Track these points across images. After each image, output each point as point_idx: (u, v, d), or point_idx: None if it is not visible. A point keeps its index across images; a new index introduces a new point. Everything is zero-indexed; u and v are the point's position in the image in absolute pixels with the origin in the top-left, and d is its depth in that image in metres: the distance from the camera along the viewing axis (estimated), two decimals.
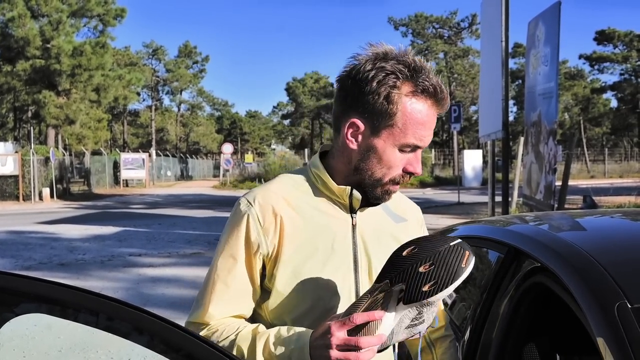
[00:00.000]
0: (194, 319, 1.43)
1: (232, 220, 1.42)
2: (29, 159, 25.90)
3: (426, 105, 1.33)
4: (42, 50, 33.04)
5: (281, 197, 1.41)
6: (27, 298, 0.93)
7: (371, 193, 1.40)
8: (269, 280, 1.40)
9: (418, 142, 1.35)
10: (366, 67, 1.33)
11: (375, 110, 1.33)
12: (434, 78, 1.33)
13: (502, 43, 10.38)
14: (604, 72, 57.67)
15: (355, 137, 1.38)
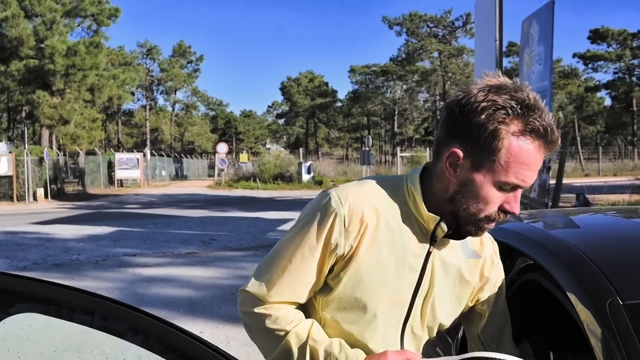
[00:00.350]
0: (254, 290, 1.43)
1: (320, 213, 1.38)
2: (23, 159, 25.82)
3: (533, 146, 1.27)
4: (36, 50, 32.95)
5: (372, 205, 1.39)
6: (22, 298, 0.93)
7: (464, 227, 1.37)
8: (333, 279, 1.40)
9: (519, 182, 1.29)
10: (477, 98, 1.28)
11: (478, 144, 1.28)
12: (546, 118, 1.27)
13: (496, 42, 10.39)
14: (598, 71, 57.95)
15: (454, 168, 1.33)
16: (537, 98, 1.28)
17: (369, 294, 1.39)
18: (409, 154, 45.23)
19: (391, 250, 1.38)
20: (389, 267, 1.39)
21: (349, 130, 76.95)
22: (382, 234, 1.38)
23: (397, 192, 1.42)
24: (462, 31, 57.27)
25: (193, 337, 0.97)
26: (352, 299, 1.39)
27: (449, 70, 56.30)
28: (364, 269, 1.38)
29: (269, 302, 1.41)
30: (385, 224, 1.38)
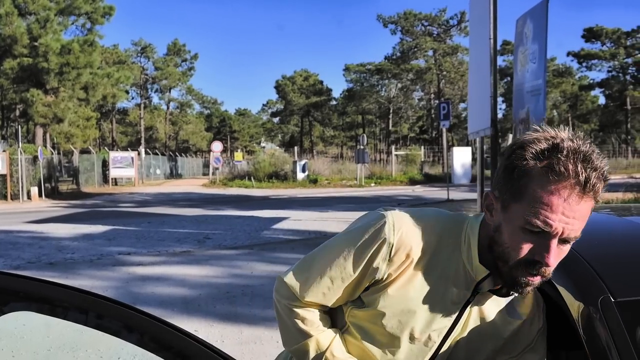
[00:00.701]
0: (291, 284, 1.46)
1: (371, 233, 1.38)
2: (17, 158, 25.74)
3: (556, 187, 1.20)
4: (30, 48, 32.84)
5: (423, 241, 1.37)
6: (16, 296, 0.93)
7: (503, 278, 1.33)
8: (367, 297, 1.42)
9: (542, 226, 1.21)
10: (516, 143, 1.28)
11: (505, 184, 1.27)
12: (579, 162, 1.19)
13: (490, 40, 10.41)
14: (592, 69, 58.19)
15: (491, 212, 1.32)
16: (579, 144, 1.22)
17: (395, 326, 1.40)
18: (404, 153, 45.30)
19: (430, 291, 1.38)
20: (422, 306, 1.38)
21: (343, 129, 76.98)
22: (425, 273, 1.37)
23: (455, 235, 1.40)
24: (457, 30, 57.32)
25: (188, 335, 0.97)
26: (379, 323, 1.41)
27: (443, 68, 56.35)
28: (396, 301, 1.38)
29: (300, 300, 1.45)
30: (431, 263, 1.37)
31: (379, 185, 34.35)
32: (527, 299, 1.45)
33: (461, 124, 58.98)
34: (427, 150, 48.55)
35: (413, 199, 23.23)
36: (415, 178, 36.96)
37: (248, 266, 9.20)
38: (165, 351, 0.96)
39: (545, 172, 1.20)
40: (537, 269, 1.25)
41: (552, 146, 1.21)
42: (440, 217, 1.43)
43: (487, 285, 1.36)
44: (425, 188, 31.16)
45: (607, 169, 1.22)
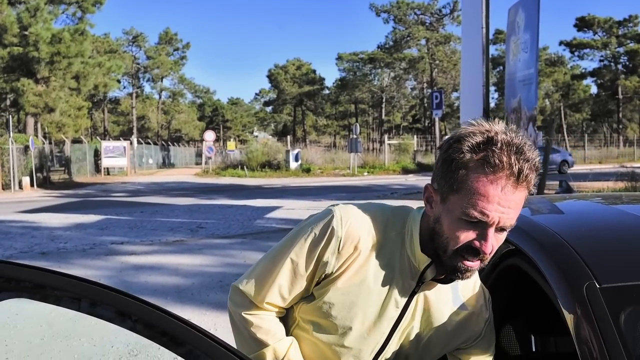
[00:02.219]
0: (245, 289, 1.48)
1: (319, 229, 1.41)
2: (8, 148, 25.59)
3: (491, 179, 1.24)
4: (20, 37, 32.56)
5: (370, 234, 1.41)
6: (8, 283, 0.93)
7: (444, 266, 1.37)
8: (318, 289, 1.44)
9: (479, 216, 1.26)
10: (454, 136, 1.32)
11: (442, 177, 1.32)
12: (512, 154, 1.24)
13: (482, 29, 10.42)
14: (584, 59, 58.30)
15: (430, 204, 1.37)
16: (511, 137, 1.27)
17: (344, 317, 1.43)
18: (397, 142, 45.28)
19: (377, 281, 1.41)
20: (370, 297, 1.42)
21: (336, 118, 76.91)
22: (371, 263, 1.41)
23: (399, 227, 1.44)
24: (450, 19, 57.27)
25: (181, 321, 0.98)
26: (328, 315, 1.43)
27: (436, 57, 56.33)
28: (345, 290, 1.41)
29: (257, 304, 1.46)
30: (378, 254, 1.41)
31: (372, 174, 34.37)
32: (472, 291, 1.52)
33: (454, 113, 59.02)
34: (419, 139, 48.59)
35: (406, 188, 23.26)
36: (408, 167, 37.00)
37: (241, 255, 9.22)
38: (159, 337, 0.97)
39: (481, 165, 1.25)
40: (475, 257, 1.30)
41: (487, 139, 1.26)
42: (385, 210, 1.47)
43: (430, 274, 1.40)
44: (418, 177, 31.20)
45: (538, 160, 1.27)
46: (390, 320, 1.44)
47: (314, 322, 1.46)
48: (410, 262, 1.41)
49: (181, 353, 0.97)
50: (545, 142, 9.75)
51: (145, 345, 0.99)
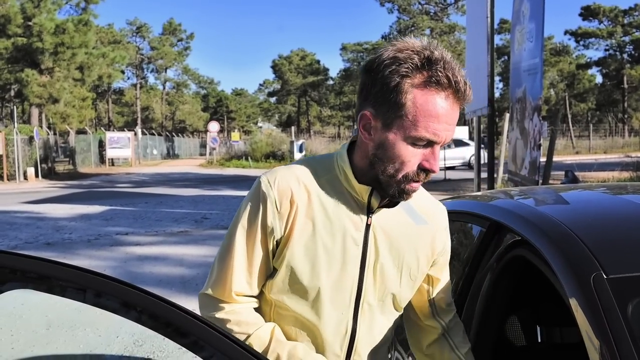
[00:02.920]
0: (212, 292, 1.44)
1: (252, 199, 1.41)
2: (13, 139, 25.64)
3: (439, 98, 1.26)
4: (24, 28, 32.56)
5: (302, 184, 1.39)
6: (14, 275, 0.93)
7: (388, 191, 1.35)
8: (277, 260, 1.41)
9: (431, 137, 1.27)
10: (382, 58, 1.29)
11: (385, 102, 1.28)
12: (451, 70, 1.26)
13: (487, 19, 10.35)
14: (589, 48, 57.87)
15: (369, 131, 1.34)
16: (444, 53, 1.27)
17: (309, 273, 1.38)
18: None
19: (326, 226, 1.38)
20: (329, 244, 1.38)
21: (340, 109, 76.72)
22: (315, 212, 1.38)
23: (329, 169, 1.42)
24: (454, 8, 56.95)
25: (186, 312, 0.98)
26: (295, 279, 1.39)
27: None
28: (300, 247, 1.38)
29: (227, 301, 1.41)
30: (317, 201, 1.38)
31: None
32: (426, 204, 1.51)
33: None
34: None
35: None
36: None
37: None
38: (164, 328, 0.97)
39: (428, 85, 1.25)
40: (425, 176, 1.32)
41: (427, 58, 1.25)
42: (310, 160, 1.46)
43: (375, 201, 1.38)
44: None
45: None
46: (355, 260, 1.40)
47: (287, 296, 1.41)
48: (352, 196, 1.40)
49: (185, 344, 0.97)
50: (550, 132, 9.71)
51: (151, 336, 0.98)
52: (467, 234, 2.25)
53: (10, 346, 4.79)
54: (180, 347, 0.98)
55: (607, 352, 1.09)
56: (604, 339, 1.11)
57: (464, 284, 1.85)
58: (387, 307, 1.49)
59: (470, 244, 2.06)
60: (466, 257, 1.97)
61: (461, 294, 1.84)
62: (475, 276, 1.81)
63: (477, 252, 1.84)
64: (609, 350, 1.09)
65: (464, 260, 2.01)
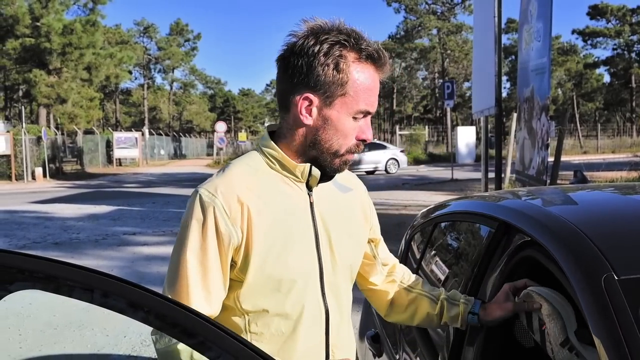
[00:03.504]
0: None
1: (195, 213, 1.35)
2: (21, 139, 25.76)
3: (372, 70, 1.37)
4: (32, 28, 32.69)
5: (243, 185, 1.38)
6: (22, 275, 0.93)
7: (329, 166, 1.42)
8: (241, 271, 1.37)
9: (369, 108, 1.39)
10: (309, 42, 1.34)
11: (326, 82, 1.34)
12: (374, 43, 1.37)
13: (495, 18, 10.32)
14: (597, 47, 57.58)
15: (309, 112, 1.38)
16: (355, 28, 1.36)
17: (280, 269, 1.38)
18: (408, 132, 45.15)
19: (279, 219, 1.39)
20: (285, 235, 1.39)
21: None
22: (264, 208, 1.38)
23: (257, 164, 1.44)
24: (461, 8, 56.80)
25: (194, 313, 0.98)
26: (267, 282, 1.37)
27: (447, 47, 55.94)
28: (265, 248, 1.36)
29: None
30: (262, 197, 1.39)
31: None
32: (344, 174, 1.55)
33: (465, 103, 58.70)
34: (431, 129, 48.38)
35: (417, 179, 23.20)
36: (420, 157, 36.89)
37: None
38: (170, 329, 0.97)
39: (360, 60, 1.35)
40: (359, 147, 1.42)
41: (350, 36, 1.34)
42: (237, 161, 1.47)
43: (314, 179, 1.43)
44: (430, 168, 31.12)
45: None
46: (310, 241, 1.43)
47: (264, 302, 1.39)
48: (292, 180, 1.43)
49: (193, 344, 0.97)
50: (558, 131, 9.67)
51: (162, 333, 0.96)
52: (475, 234, 2.24)
53: (19, 345, 4.82)
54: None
55: (619, 353, 1.08)
56: (616, 340, 1.09)
57: (472, 285, 1.84)
58: (346, 279, 1.54)
59: (478, 244, 2.05)
60: (475, 258, 1.96)
61: (469, 295, 1.83)
62: (484, 277, 1.80)
63: (485, 253, 1.83)
64: (621, 351, 1.08)
65: (472, 261, 2.00)
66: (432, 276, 2.48)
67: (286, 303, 1.40)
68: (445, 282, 2.34)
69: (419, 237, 2.92)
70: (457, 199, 2.91)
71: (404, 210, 13.01)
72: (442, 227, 2.67)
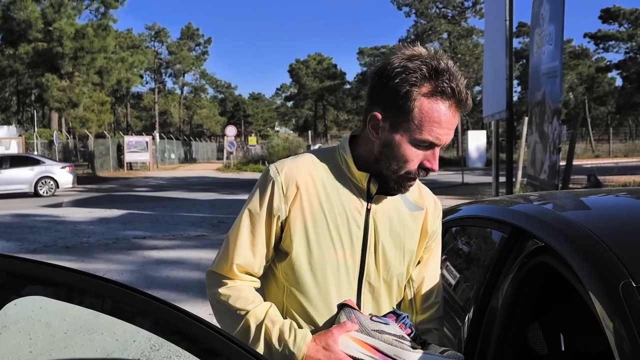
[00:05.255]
0: (218, 269, 1.57)
1: (260, 184, 1.54)
2: (33, 142, 25.94)
3: (443, 106, 1.40)
4: (44, 33, 32.96)
5: (307, 171, 1.52)
6: (33, 282, 0.93)
7: (388, 183, 1.50)
8: (285, 244, 1.52)
9: (434, 140, 1.42)
10: (393, 65, 1.41)
11: (394, 106, 1.41)
12: (455, 81, 1.39)
13: (506, 22, 10.29)
14: (609, 51, 57.25)
15: (376, 130, 1.46)
16: (449, 64, 1.40)
17: (315, 249, 1.50)
18: None
19: (329, 208, 1.51)
20: (332, 226, 1.51)
21: (357, 113, 76.62)
22: (319, 195, 1.51)
23: (331, 159, 1.57)
24: (472, 12, 56.72)
25: (202, 322, 0.97)
26: (301, 257, 1.50)
27: (458, 51, 55.82)
28: (304, 227, 1.50)
29: (229, 276, 1.54)
30: (321, 186, 1.52)
31: None
32: (421, 194, 1.68)
33: (476, 107, 58.41)
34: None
35: (427, 182, 23.02)
36: None
37: None
38: (179, 336, 0.97)
39: (434, 94, 1.39)
40: (425, 174, 1.49)
41: (434, 68, 1.39)
42: (314, 152, 1.62)
43: (373, 187, 1.52)
44: (440, 171, 30.73)
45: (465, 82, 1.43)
46: (356, 241, 1.52)
47: (296, 276, 1.51)
48: (353, 183, 1.53)
49: (199, 351, 0.97)
50: (569, 135, 9.60)
51: (168, 342, 0.98)
52: (487, 239, 2.22)
53: (29, 350, 4.81)
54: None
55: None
56: (635, 348, 1.07)
57: (485, 290, 1.82)
58: (390, 290, 1.61)
59: (490, 249, 2.03)
60: (487, 264, 1.94)
61: (482, 301, 1.81)
62: (497, 282, 1.77)
63: (498, 258, 1.81)
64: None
65: (484, 267, 1.98)
66: (443, 281, 2.46)
67: (316, 288, 1.51)
68: (456, 287, 2.32)
69: None
70: (468, 203, 2.89)
71: None
72: (454, 232, 2.65)
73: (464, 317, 1.97)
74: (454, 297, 2.26)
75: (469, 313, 1.91)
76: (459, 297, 2.22)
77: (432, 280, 1.72)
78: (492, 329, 1.71)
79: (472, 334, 1.80)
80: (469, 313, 1.91)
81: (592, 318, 1.27)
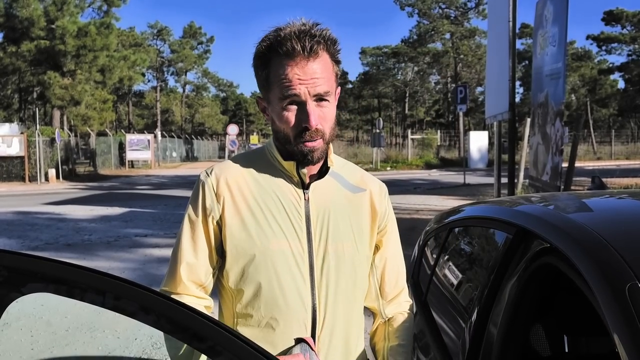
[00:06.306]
0: (166, 286, 1.56)
1: (194, 191, 1.56)
2: (35, 140, 25.94)
3: (290, 60, 1.42)
4: (47, 30, 32.96)
5: (237, 170, 1.55)
6: (34, 278, 0.93)
7: (293, 155, 1.49)
8: (226, 243, 1.51)
9: (291, 96, 1.43)
10: (254, 54, 1.50)
11: (261, 85, 1.51)
12: (296, 38, 1.41)
13: (509, 23, 10.26)
14: (612, 53, 57.27)
15: (265, 111, 1.55)
16: (286, 30, 1.43)
17: (259, 242, 1.47)
18: (420, 136, 45.06)
19: (266, 202, 1.51)
20: (268, 217, 1.50)
21: (359, 113, 76.70)
22: (253, 190, 1.52)
23: (262, 157, 1.59)
24: (475, 12, 56.68)
25: (206, 318, 0.96)
26: (243, 256, 1.48)
27: (460, 52, 55.81)
28: (242, 222, 1.49)
29: (178, 293, 1.52)
30: (254, 182, 1.53)
31: (395, 169, 34.25)
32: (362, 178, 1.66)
33: (478, 108, 58.53)
34: (443, 134, 48.25)
35: (429, 183, 23.12)
36: (432, 162, 36.80)
37: None
38: (181, 333, 0.96)
39: (275, 57, 1.44)
40: (309, 135, 1.44)
41: (275, 39, 1.43)
42: (244, 153, 1.66)
43: (304, 175, 1.52)
44: (442, 172, 31.01)
45: (327, 32, 1.46)
46: (301, 231, 1.50)
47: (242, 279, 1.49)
48: (286, 174, 1.54)
49: (203, 348, 0.96)
50: (572, 137, 9.59)
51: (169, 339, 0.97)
52: (491, 240, 2.21)
53: (30, 347, 4.82)
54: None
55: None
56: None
57: (489, 291, 1.81)
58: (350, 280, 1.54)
59: (495, 250, 2.02)
60: (491, 265, 1.93)
61: (486, 303, 1.80)
62: (501, 283, 1.76)
63: (503, 259, 1.80)
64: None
65: (488, 268, 1.97)
66: (446, 282, 2.45)
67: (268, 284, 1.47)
68: (459, 287, 2.31)
69: (433, 242, 2.90)
70: (471, 203, 2.88)
71: (415, 215, 12.96)
72: (457, 233, 2.64)
73: (467, 318, 1.96)
74: (457, 297, 2.25)
75: (473, 314, 1.90)
76: (462, 298, 2.21)
77: (394, 262, 1.70)
78: (495, 330, 1.70)
79: (476, 335, 1.79)
80: (473, 314, 1.90)
81: (596, 319, 1.26)
